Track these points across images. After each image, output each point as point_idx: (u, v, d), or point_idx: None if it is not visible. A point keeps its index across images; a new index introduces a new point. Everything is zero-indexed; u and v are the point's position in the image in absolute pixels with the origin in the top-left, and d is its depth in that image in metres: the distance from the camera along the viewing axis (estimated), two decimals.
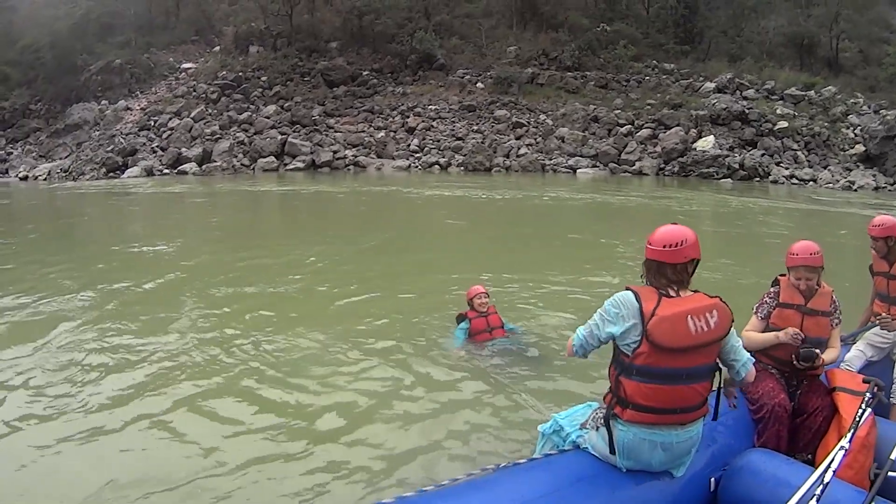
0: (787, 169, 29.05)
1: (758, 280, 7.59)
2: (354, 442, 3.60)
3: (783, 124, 31.54)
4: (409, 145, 27.63)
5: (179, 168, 27.84)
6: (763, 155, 29.26)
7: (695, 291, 2.36)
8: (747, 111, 31.00)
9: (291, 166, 26.91)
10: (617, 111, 30.53)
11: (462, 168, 25.48)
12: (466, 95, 31.24)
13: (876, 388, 2.85)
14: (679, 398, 2.29)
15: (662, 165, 26.97)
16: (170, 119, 32.12)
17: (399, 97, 31.83)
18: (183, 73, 37.36)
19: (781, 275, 3.29)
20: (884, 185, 30.93)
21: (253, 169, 27.43)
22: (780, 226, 13.85)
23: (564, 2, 38.13)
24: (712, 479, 2.55)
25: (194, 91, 34.30)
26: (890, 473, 2.35)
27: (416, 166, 26.02)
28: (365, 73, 33.64)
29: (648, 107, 31.10)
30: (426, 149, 27.30)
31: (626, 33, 37.36)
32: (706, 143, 28.22)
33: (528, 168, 25.39)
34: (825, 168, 30.67)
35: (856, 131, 33.44)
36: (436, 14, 37.41)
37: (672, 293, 2.30)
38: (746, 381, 2.53)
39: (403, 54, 34.04)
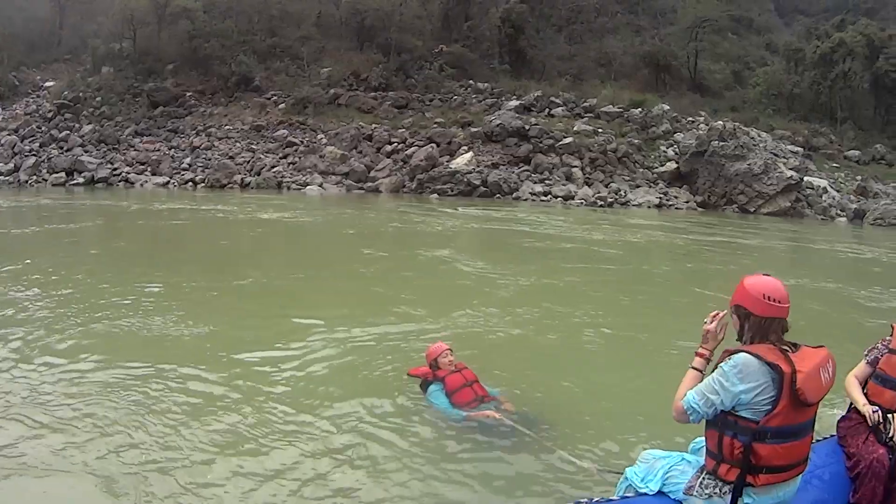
0: (549, 186, 30.22)
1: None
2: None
3: (567, 140, 32.58)
4: (181, 164, 30.10)
5: None
6: (524, 170, 30.62)
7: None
8: (527, 128, 32.33)
9: (73, 182, 29.67)
10: (402, 129, 32.40)
11: (204, 184, 27.83)
12: (262, 115, 33.61)
13: None
14: (804, 451, 2.31)
15: (406, 182, 28.79)
16: (7, 136, 35.28)
17: (206, 117, 34.30)
18: (45, 92, 40.66)
19: None
20: (670, 203, 31.60)
21: (45, 183, 30.30)
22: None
23: (403, 25, 39.99)
24: None
25: (39, 110, 37.52)
26: None
27: (174, 183, 28.46)
28: (188, 94, 36.29)
29: (436, 125, 32.83)
30: (193, 167, 29.71)
31: (458, 54, 39.32)
32: (462, 161, 29.86)
33: (263, 185, 27.51)
34: (607, 185, 31.70)
35: (675, 149, 34.11)
36: (272, 36, 39.94)
37: (786, 348, 2.27)
38: None
39: (227, 76, 36.61)
